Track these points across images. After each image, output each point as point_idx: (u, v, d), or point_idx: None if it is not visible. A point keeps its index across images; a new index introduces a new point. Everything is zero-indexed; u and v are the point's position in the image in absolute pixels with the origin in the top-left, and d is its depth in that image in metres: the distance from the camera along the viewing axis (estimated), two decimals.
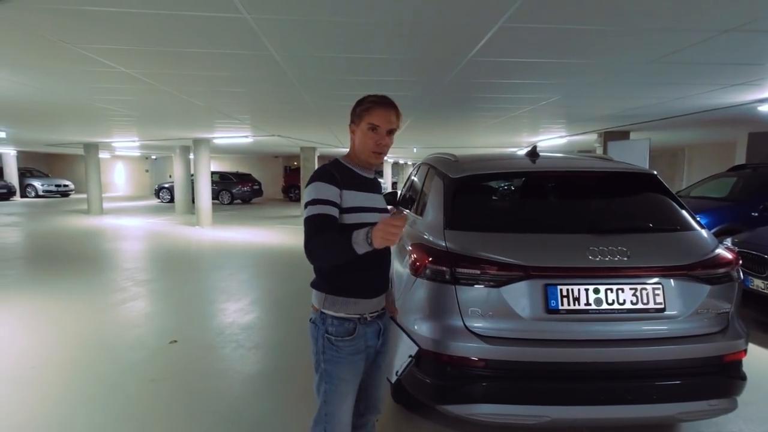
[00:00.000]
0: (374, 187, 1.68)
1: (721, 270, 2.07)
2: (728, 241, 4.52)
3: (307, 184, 1.57)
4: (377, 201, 1.66)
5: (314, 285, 1.63)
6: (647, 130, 8.26)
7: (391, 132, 1.59)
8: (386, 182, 24.72)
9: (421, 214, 2.69)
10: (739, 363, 2.07)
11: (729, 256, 2.12)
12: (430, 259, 2.10)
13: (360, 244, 1.40)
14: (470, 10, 2.47)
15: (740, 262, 2.15)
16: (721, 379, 2.01)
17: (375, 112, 1.55)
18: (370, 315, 1.62)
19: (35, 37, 3.02)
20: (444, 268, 2.05)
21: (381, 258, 1.69)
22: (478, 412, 1.97)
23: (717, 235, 5.64)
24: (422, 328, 2.08)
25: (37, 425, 2.51)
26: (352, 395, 1.61)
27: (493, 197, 3.03)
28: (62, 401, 2.77)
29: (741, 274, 2.16)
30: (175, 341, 3.73)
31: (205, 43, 3.11)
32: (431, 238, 2.24)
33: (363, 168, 1.64)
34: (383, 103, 1.57)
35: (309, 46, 3.20)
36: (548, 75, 4.10)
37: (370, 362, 1.69)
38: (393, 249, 3.04)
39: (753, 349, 3.60)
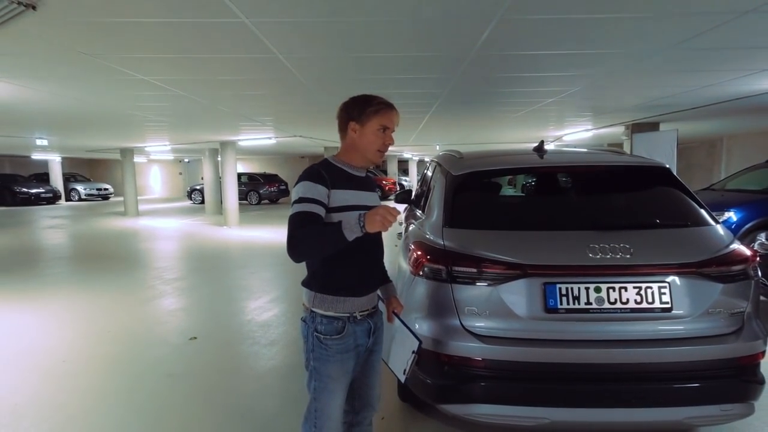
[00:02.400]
0: (367, 185, 1.69)
1: (736, 267, 1.96)
2: (762, 236, 4.27)
3: (296, 183, 1.58)
4: (370, 199, 1.67)
5: (305, 283, 1.65)
6: (678, 120, 7.87)
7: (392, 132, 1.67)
8: (412, 180, 24.65)
9: (426, 212, 2.69)
10: (756, 366, 1.95)
11: (744, 252, 2.01)
12: (428, 257, 2.10)
13: (351, 229, 1.43)
14: (464, 4, 2.44)
15: (758, 258, 2.03)
16: (734, 383, 1.90)
17: (386, 114, 1.61)
18: (360, 313, 1.63)
19: (59, 49, 3.20)
20: (440, 267, 2.04)
21: (373, 255, 1.71)
22: (476, 412, 1.95)
23: (753, 230, 5.35)
24: (422, 327, 2.07)
25: (64, 416, 2.66)
26: (342, 392, 1.63)
27: (496, 194, 2.98)
28: (88, 394, 2.93)
29: (759, 271, 2.03)
30: (195, 338, 3.87)
31: (213, 48, 3.20)
32: (431, 237, 2.23)
33: (355, 167, 1.66)
34: (391, 105, 1.63)
35: (312, 48, 3.23)
36: (563, 66, 3.99)
37: (363, 360, 1.71)
38: (399, 245, 3.04)
39: None
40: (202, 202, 17.64)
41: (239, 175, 16.03)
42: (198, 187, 19.21)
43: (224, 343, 3.77)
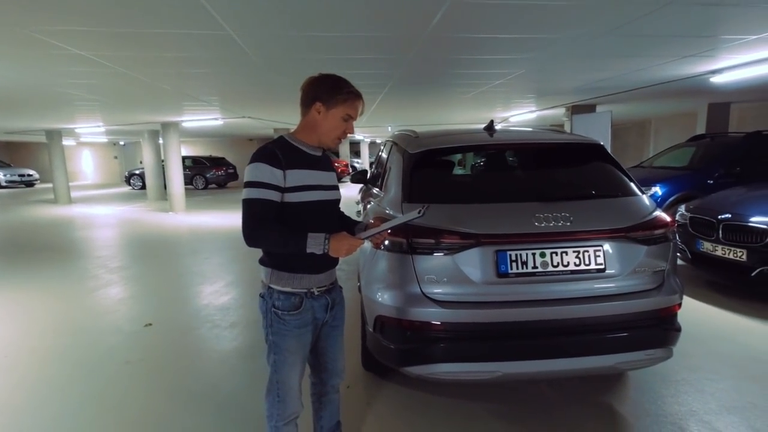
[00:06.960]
0: (324, 164, 1.67)
1: (657, 232, 2.23)
2: (682, 208, 4.76)
3: (250, 162, 1.53)
4: (326, 179, 1.66)
5: (261, 261, 1.65)
6: (612, 103, 8.46)
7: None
8: (364, 162, 24.65)
9: (384, 189, 2.78)
10: (674, 316, 2.25)
11: (665, 218, 2.28)
12: (389, 231, 2.19)
13: (315, 246, 1.49)
14: None
15: (675, 224, 2.32)
16: (657, 331, 2.18)
17: (354, 104, 1.58)
18: (318, 289, 1.65)
19: None
20: (401, 240, 2.14)
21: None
22: (437, 371, 2.11)
23: (675, 203, 5.94)
24: (384, 297, 2.19)
25: (13, 409, 2.55)
26: (301, 364, 1.68)
27: (450, 170, 3.14)
28: (37, 386, 2.81)
29: (676, 235, 2.32)
30: (150, 324, 3.77)
31: (157, 22, 3.04)
32: (391, 212, 2.33)
33: (312, 147, 1.63)
34: (359, 95, 1.60)
35: (265, 25, 3.16)
36: (509, 50, 4.18)
37: (326, 335, 1.76)
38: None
39: (700, 306, 3.86)
40: (143, 187, 16.68)
41: (183, 159, 15.27)
42: (137, 172, 18.11)
43: (183, 328, 3.70)
